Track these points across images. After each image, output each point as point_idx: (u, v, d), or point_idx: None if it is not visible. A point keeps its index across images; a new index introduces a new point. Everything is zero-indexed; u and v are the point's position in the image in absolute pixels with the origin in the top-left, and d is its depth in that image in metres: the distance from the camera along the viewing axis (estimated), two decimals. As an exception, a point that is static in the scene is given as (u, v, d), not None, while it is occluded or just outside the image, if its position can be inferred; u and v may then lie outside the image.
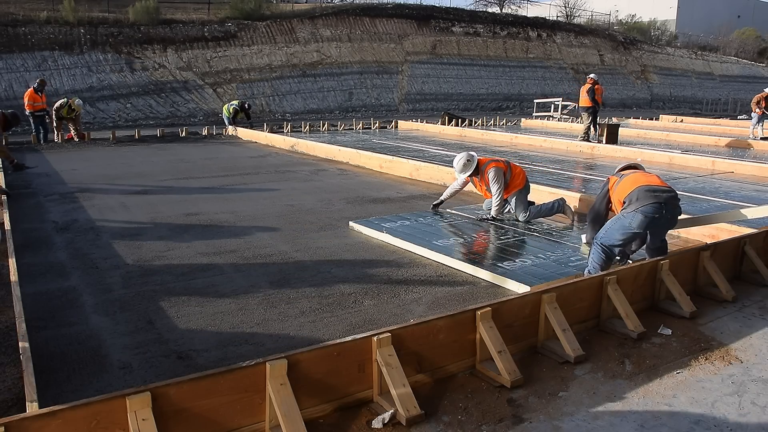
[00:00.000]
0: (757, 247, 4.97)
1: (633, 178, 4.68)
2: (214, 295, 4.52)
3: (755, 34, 49.90)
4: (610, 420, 2.84)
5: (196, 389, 2.50)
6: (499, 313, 3.35)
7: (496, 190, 6.62)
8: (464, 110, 27.35)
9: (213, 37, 24.51)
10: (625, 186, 4.66)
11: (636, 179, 4.64)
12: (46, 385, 3.13)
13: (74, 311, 4.21)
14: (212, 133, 16.65)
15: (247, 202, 7.95)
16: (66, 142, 14.66)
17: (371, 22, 29.30)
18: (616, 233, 4.49)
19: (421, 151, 13.33)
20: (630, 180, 4.68)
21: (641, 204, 4.41)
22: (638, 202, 4.44)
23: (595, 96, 15.05)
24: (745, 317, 4.15)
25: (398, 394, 2.82)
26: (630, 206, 4.49)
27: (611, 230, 4.54)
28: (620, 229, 4.47)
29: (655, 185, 4.53)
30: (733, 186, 9.37)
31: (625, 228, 4.45)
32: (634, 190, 4.52)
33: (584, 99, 15.14)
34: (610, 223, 4.61)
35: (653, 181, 4.61)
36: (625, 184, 4.67)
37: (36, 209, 7.48)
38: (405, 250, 5.74)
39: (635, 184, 4.57)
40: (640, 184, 4.55)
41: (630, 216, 4.44)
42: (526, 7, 46.52)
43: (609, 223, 4.62)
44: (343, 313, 4.18)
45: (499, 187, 6.60)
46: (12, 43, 20.48)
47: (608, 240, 4.52)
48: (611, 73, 35.23)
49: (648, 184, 4.53)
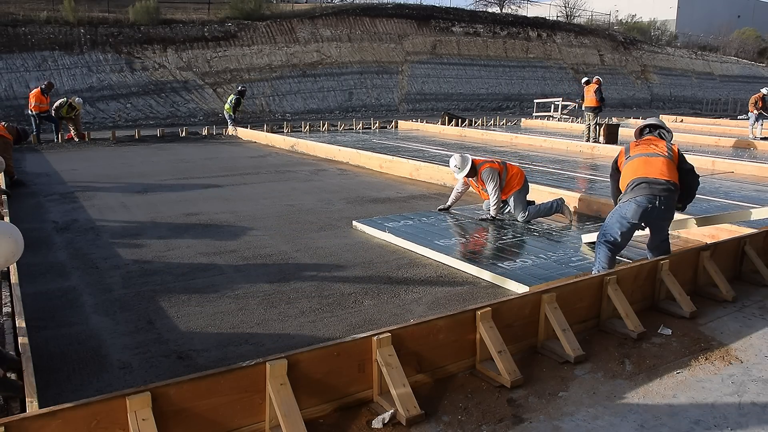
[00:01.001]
0: (757, 247, 4.97)
1: (635, 166, 4.64)
2: (214, 295, 4.53)
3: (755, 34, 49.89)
4: (610, 420, 2.84)
5: (196, 389, 2.50)
6: (499, 313, 3.35)
7: (492, 189, 6.64)
8: (464, 110, 27.35)
9: (213, 37, 24.51)
10: (627, 172, 4.68)
11: (637, 168, 4.61)
12: (46, 385, 3.13)
13: (74, 311, 4.21)
14: (212, 133, 16.66)
15: (247, 202, 7.95)
16: (66, 142, 14.66)
17: (371, 22, 29.29)
18: (615, 225, 4.53)
19: (421, 151, 13.33)
20: (632, 167, 4.65)
21: (636, 194, 4.46)
22: (633, 192, 4.48)
23: (602, 96, 15.12)
24: (745, 317, 4.15)
25: (398, 394, 2.82)
26: (626, 195, 4.55)
27: (609, 224, 4.56)
28: (618, 220, 4.51)
29: (652, 177, 4.50)
30: (733, 186, 9.38)
31: (621, 217, 4.49)
32: (632, 180, 4.55)
33: (591, 99, 15.12)
34: (607, 218, 4.65)
35: (653, 171, 4.53)
36: (628, 171, 4.67)
37: (36, 209, 7.48)
38: (406, 249, 5.74)
39: (635, 173, 4.57)
40: (638, 175, 4.55)
41: (625, 205, 4.50)
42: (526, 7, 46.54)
43: (607, 218, 4.66)
44: (343, 313, 4.18)
45: (495, 185, 6.60)
46: (12, 43, 20.48)
47: (609, 233, 4.54)
48: (611, 73, 35.21)
49: (645, 176, 4.51)
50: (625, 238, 4.54)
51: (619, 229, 4.50)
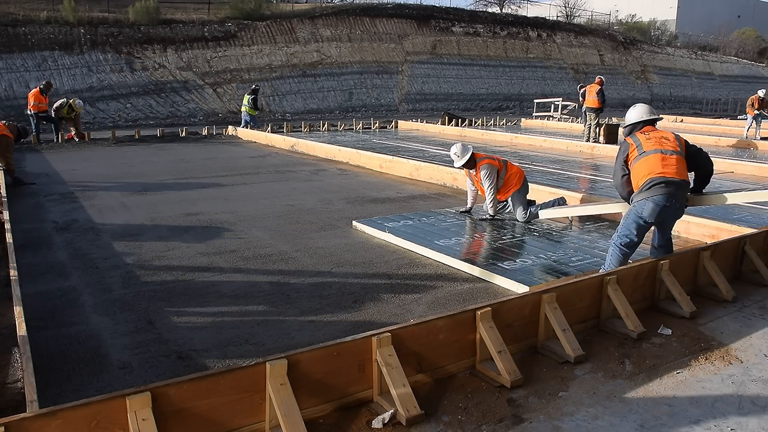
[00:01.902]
0: (757, 247, 4.97)
1: (652, 163, 4.45)
2: (214, 295, 4.52)
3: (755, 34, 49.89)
4: (610, 420, 2.84)
5: (196, 389, 2.50)
6: (499, 313, 3.35)
7: (487, 187, 6.66)
8: (464, 110, 27.35)
9: (213, 37, 24.50)
10: (642, 169, 4.48)
11: (653, 165, 4.44)
12: (46, 385, 3.13)
13: (74, 311, 4.21)
14: (212, 133, 16.66)
15: (247, 202, 7.95)
16: (66, 142, 14.66)
17: (371, 22, 29.29)
18: (631, 225, 4.45)
19: (421, 151, 13.33)
20: (648, 164, 4.46)
21: (653, 194, 4.35)
22: (650, 191, 4.36)
23: (605, 98, 15.10)
24: (745, 317, 4.15)
25: (398, 394, 2.82)
26: (641, 193, 4.42)
27: (626, 225, 4.49)
28: (634, 220, 4.43)
29: (670, 177, 4.38)
30: (734, 186, 9.36)
31: (638, 217, 4.40)
32: (650, 179, 4.40)
33: (593, 100, 15.09)
34: (624, 218, 4.56)
35: (670, 170, 4.41)
36: (642, 168, 4.48)
37: (36, 209, 7.48)
38: (406, 249, 5.74)
39: (652, 171, 4.42)
40: (655, 173, 4.40)
41: (641, 204, 4.40)
42: (526, 7, 46.53)
43: (623, 218, 4.57)
44: (343, 313, 4.18)
45: (490, 184, 6.62)
46: (12, 43, 20.47)
47: (626, 236, 4.47)
48: (611, 73, 35.18)
49: (663, 175, 4.38)
50: (640, 238, 4.50)
51: (636, 229, 4.45)
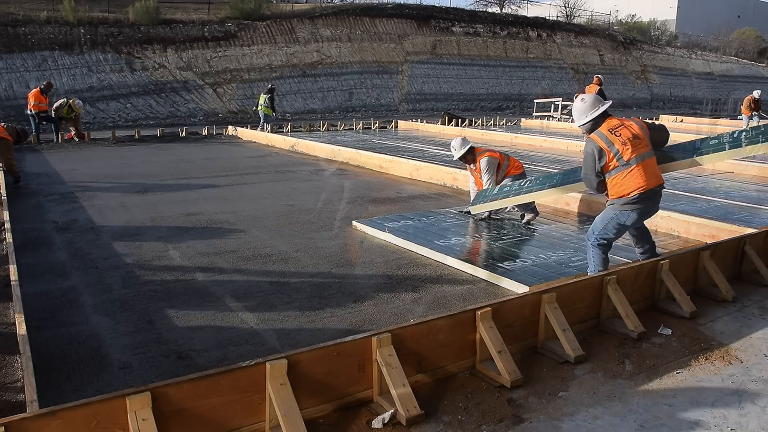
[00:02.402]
0: (757, 247, 4.97)
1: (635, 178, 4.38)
2: (214, 295, 4.52)
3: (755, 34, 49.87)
4: (610, 420, 2.84)
5: (196, 389, 2.50)
6: (499, 313, 3.35)
7: (486, 180, 6.67)
8: (464, 110, 27.34)
9: (213, 37, 24.50)
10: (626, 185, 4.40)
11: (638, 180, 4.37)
12: (46, 385, 3.13)
13: (74, 311, 4.21)
14: (212, 133, 16.66)
15: (247, 202, 7.95)
16: (66, 142, 14.66)
17: (371, 22, 29.28)
18: (611, 230, 4.52)
19: (421, 151, 13.33)
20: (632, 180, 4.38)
21: (641, 205, 4.40)
22: (638, 204, 4.39)
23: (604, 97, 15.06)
24: (745, 317, 4.15)
25: (398, 394, 2.82)
26: (627, 205, 4.40)
27: (605, 228, 4.51)
28: (615, 226, 4.51)
29: (655, 187, 4.42)
30: (733, 186, 9.37)
31: (619, 224, 4.50)
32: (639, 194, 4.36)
33: None
34: (602, 221, 4.54)
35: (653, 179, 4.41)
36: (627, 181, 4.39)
37: (36, 209, 7.48)
38: (406, 249, 5.74)
39: (637, 184, 4.36)
40: (642, 186, 4.36)
41: (625, 214, 4.45)
42: (526, 7, 46.52)
43: (601, 221, 4.55)
44: (343, 313, 4.18)
45: (490, 177, 6.63)
46: (12, 43, 20.47)
47: (603, 237, 4.54)
48: (611, 73, 35.18)
49: (650, 188, 4.37)
50: (618, 237, 4.65)
51: (615, 233, 4.55)
